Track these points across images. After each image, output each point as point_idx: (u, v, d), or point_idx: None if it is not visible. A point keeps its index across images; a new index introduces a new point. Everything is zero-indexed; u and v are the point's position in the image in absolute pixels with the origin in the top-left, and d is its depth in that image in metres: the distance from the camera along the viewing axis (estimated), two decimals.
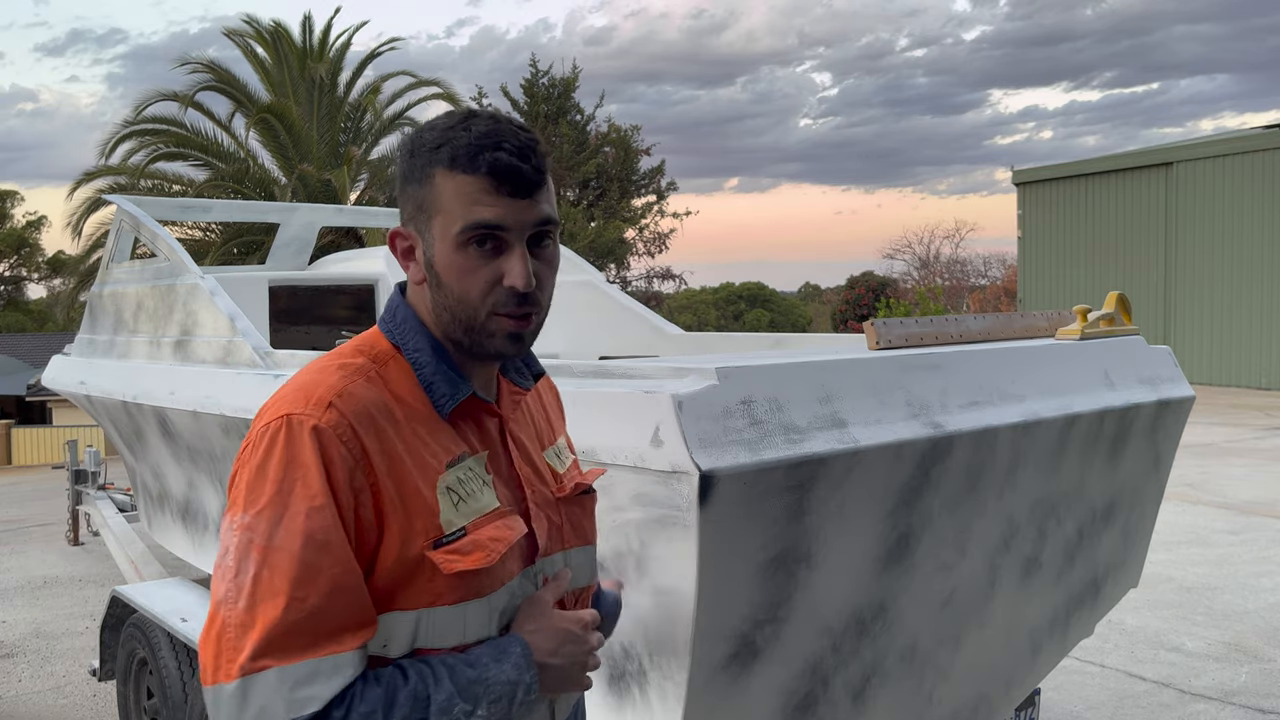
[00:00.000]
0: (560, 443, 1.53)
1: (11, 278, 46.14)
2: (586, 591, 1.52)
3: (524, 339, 1.30)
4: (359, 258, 5.53)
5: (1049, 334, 2.70)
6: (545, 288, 1.30)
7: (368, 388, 1.26)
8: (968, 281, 36.03)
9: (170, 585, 4.01)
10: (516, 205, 1.24)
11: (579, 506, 1.47)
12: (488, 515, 1.28)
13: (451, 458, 1.28)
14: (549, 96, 23.19)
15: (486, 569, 1.25)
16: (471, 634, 1.26)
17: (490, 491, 1.30)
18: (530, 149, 1.25)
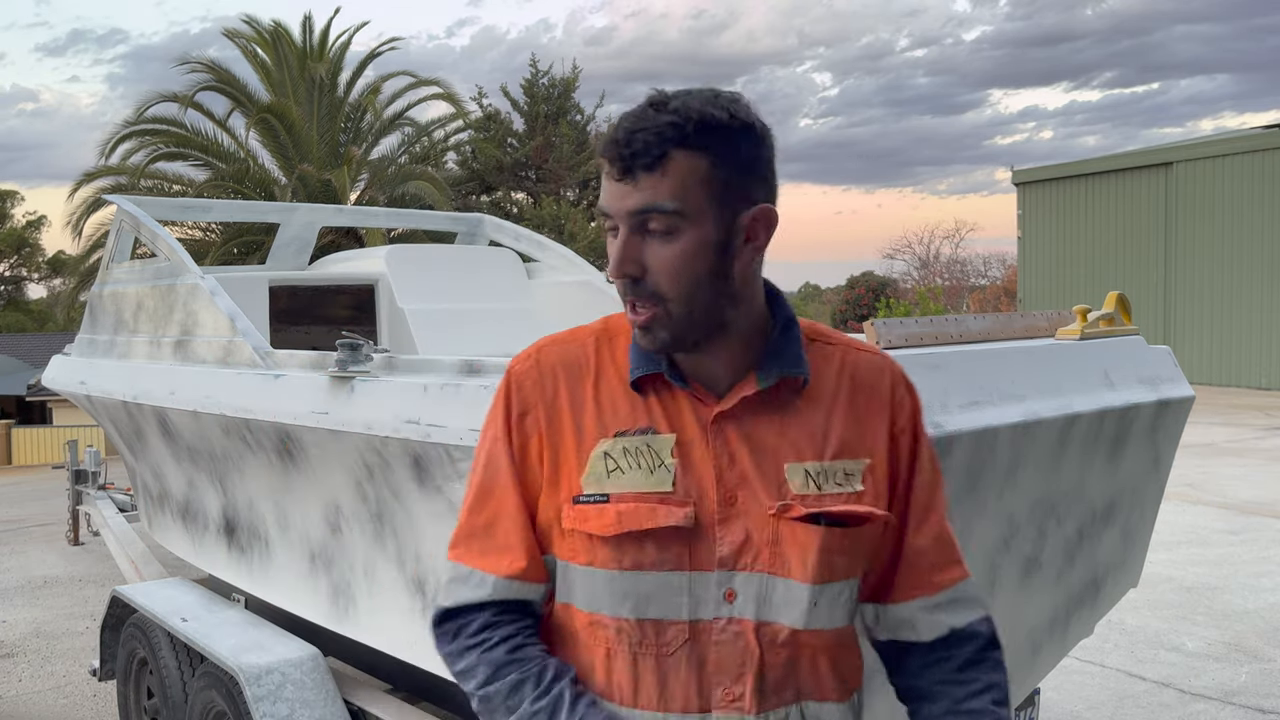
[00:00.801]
0: (836, 464, 1.28)
1: (12, 278, 46.14)
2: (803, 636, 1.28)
3: (650, 332, 1.24)
4: (359, 258, 5.52)
5: (1049, 334, 2.70)
6: (661, 279, 1.22)
7: (572, 348, 1.35)
8: (968, 281, 36.03)
9: (170, 585, 4.01)
10: (618, 189, 1.22)
11: (801, 534, 1.25)
12: (641, 494, 1.25)
13: (628, 428, 1.28)
14: (549, 96, 23.20)
15: (613, 540, 1.25)
16: (603, 606, 1.27)
17: (665, 474, 1.25)
18: (639, 132, 1.20)
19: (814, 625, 1.27)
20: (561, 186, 23.00)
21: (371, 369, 2.86)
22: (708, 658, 1.25)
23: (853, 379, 1.33)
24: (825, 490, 1.26)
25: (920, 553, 1.36)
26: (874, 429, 1.32)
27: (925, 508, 1.36)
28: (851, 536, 1.27)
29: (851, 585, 1.32)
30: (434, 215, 6.34)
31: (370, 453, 2.76)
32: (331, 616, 3.20)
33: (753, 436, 1.27)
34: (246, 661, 3.03)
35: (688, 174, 1.20)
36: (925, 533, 1.36)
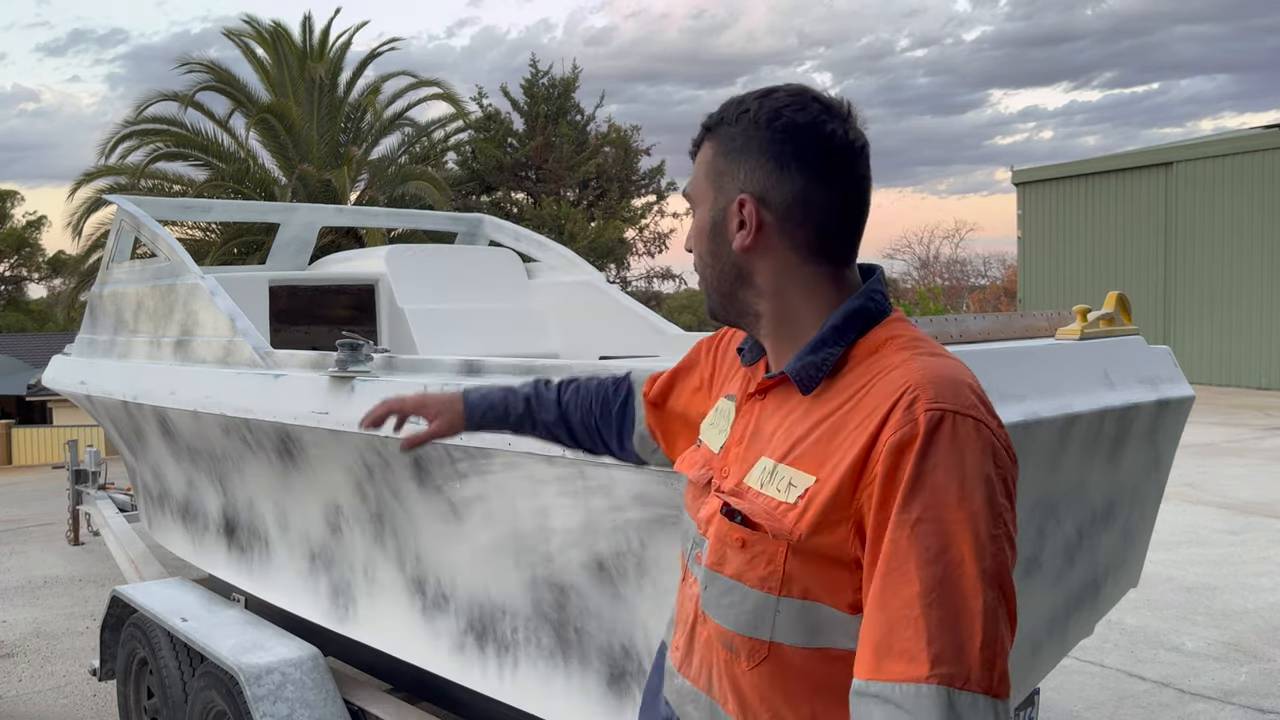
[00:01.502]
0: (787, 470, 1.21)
1: (12, 278, 46.13)
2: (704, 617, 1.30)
3: (707, 306, 1.39)
4: (359, 258, 5.52)
5: (1049, 334, 2.70)
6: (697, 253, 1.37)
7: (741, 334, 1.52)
8: (967, 281, 36.04)
9: (170, 585, 4.01)
10: None
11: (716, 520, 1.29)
12: (704, 448, 1.44)
13: (733, 394, 1.43)
14: (549, 97, 23.19)
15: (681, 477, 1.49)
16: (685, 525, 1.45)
17: (722, 438, 1.39)
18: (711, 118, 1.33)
19: (707, 611, 1.30)
20: (561, 186, 23.00)
21: (371, 369, 2.86)
22: (681, 604, 1.41)
23: (864, 395, 1.18)
24: (765, 490, 1.22)
25: (870, 624, 1.10)
26: (843, 454, 1.15)
27: (886, 572, 1.09)
28: (743, 537, 1.23)
29: (749, 595, 1.22)
30: (434, 215, 6.34)
31: (370, 453, 2.76)
32: (331, 616, 3.20)
33: (760, 424, 1.32)
34: (246, 661, 3.03)
35: (705, 162, 1.33)
36: (881, 603, 1.08)
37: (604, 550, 2.22)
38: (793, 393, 1.27)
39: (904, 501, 1.08)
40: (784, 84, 1.30)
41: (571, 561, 2.31)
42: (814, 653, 1.20)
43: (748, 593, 1.22)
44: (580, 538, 2.26)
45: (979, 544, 1.06)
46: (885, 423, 1.12)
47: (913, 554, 1.07)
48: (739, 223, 1.28)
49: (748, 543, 1.22)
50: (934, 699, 1.03)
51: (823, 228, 1.26)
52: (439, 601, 2.75)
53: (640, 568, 2.16)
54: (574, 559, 2.30)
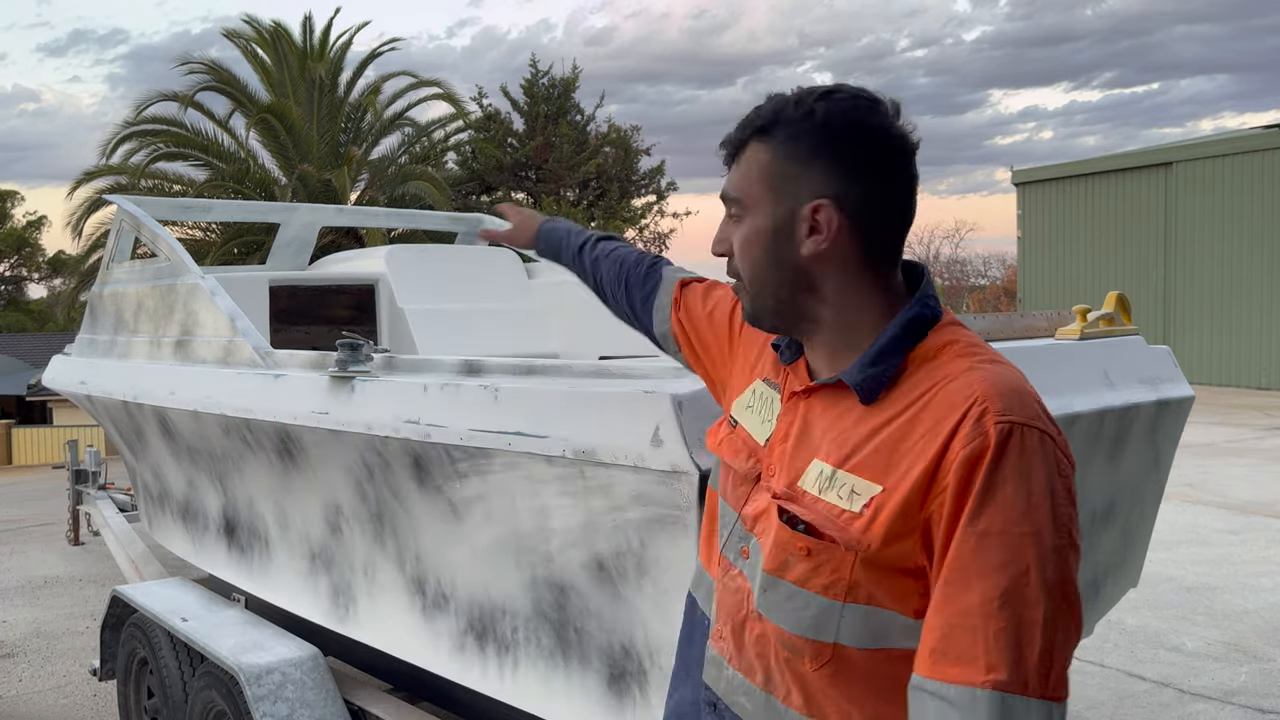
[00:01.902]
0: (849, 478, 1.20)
1: (12, 278, 46.13)
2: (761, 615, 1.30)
3: (744, 309, 1.36)
4: (359, 258, 5.52)
5: (1049, 334, 2.70)
6: (739, 262, 1.33)
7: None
8: (968, 281, 36.04)
9: (171, 585, 4.01)
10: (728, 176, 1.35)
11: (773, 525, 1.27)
12: (747, 436, 1.41)
13: (773, 378, 1.42)
14: (549, 97, 23.18)
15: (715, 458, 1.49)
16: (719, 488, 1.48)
17: (767, 429, 1.38)
18: (745, 120, 1.31)
19: (765, 612, 1.29)
20: (561, 186, 22.99)
21: (371, 369, 2.86)
22: (723, 595, 1.40)
23: (926, 405, 1.18)
24: (825, 496, 1.22)
25: (928, 628, 1.13)
26: (911, 463, 1.16)
27: (950, 579, 1.11)
28: (808, 546, 1.22)
29: (813, 601, 1.22)
30: (434, 215, 6.34)
31: (370, 453, 2.76)
32: (331, 616, 3.20)
33: (809, 424, 1.30)
34: (246, 661, 3.03)
35: (755, 165, 1.29)
36: (941, 609, 1.11)
37: (604, 550, 2.22)
38: (844, 396, 1.27)
39: (972, 513, 1.10)
40: (837, 84, 1.28)
41: (571, 561, 2.31)
42: (877, 653, 1.22)
43: (811, 598, 1.23)
44: (580, 538, 2.26)
45: (1043, 556, 1.09)
46: (954, 434, 1.13)
47: (975, 564, 1.09)
48: (809, 228, 1.24)
49: (813, 552, 1.22)
50: (988, 703, 1.06)
51: (885, 231, 1.26)
52: (439, 601, 2.75)
53: (640, 568, 2.16)
54: (574, 559, 2.30)
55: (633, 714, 2.26)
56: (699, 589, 1.57)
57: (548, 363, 2.42)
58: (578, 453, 2.14)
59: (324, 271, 5.38)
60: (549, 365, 2.41)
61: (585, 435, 2.13)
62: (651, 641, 2.18)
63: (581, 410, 2.17)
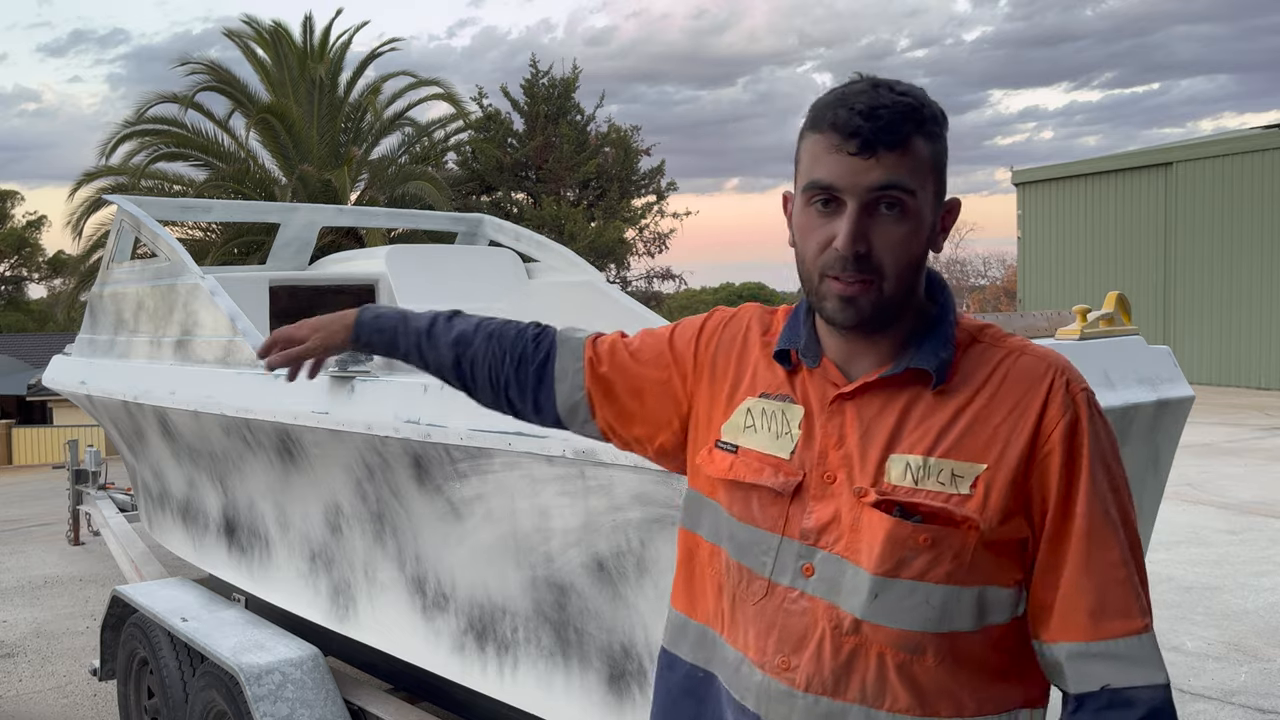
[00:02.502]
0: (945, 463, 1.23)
1: (12, 278, 46.12)
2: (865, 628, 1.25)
3: (856, 305, 1.24)
4: (359, 258, 5.52)
5: (1049, 334, 2.70)
6: (887, 256, 1.23)
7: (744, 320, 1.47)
8: (968, 281, 36.03)
9: (171, 585, 4.01)
10: (853, 164, 1.21)
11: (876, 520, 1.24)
12: (762, 454, 1.34)
13: (771, 391, 1.36)
14: (549, 97, 23.17)
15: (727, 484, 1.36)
16: (721, 540, 1.38)
17: (788, 442, 1.32)
18: (881, 109, 1.20)
19: (875, 619, 1.24)
20: (562, 187, 22.98)
21: (371, 369, 2.86)
22: (777, 622, 1.30)
23: (1002, 382, 1.25)
24: (923, 485, 1.22)
25: (1079, 591, 1.21)
26: (1007, 438, 1.23)
27: (1089, 540, 1.21)
28: (931, 535, 1.22)
29: (935, 592, 1.23)
30: (434, 215, 6.35)
31: (370, 453, 2.77)
32: (331, 616, 3.20)
33: (869, 422, 1.27)
34: (246, 661, 3.03)
35: (922, 158, 1.24)
36: (1088, 569, 1.21)
37: (604, 550, 2.22)
38: (903, 388, 1.27)
39: (1090, 475, 1.22)
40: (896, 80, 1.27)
41: (571, 561, 2.31)
42: (979, 634, 1.25)
43: (933, 590, 1.23)
44: (580, 538, 2.26)
45: (1130, 502, 1.25)
46: (1046, 407, 1.23)
47: (1107, 522, 1.22)
48: (942, 225, 1.30)
49: (937, 540, 1.22)
50: (1151, 644, 1.21)
51: None
52: (439, 601, 2.75)
53: (640, 568, 2.16)
54: (574, 559, 2.30)
55: (633, 714, 2.26)
56: (682, 643, 1.45)
57: None
58: (578, 453, 2.14)
59: (324, 271, 5.38)
60: None
61: None
62: (651, 641, 2.18)
63: None
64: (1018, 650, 1.28)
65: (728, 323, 1.48)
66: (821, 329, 1.34)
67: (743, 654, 1.33)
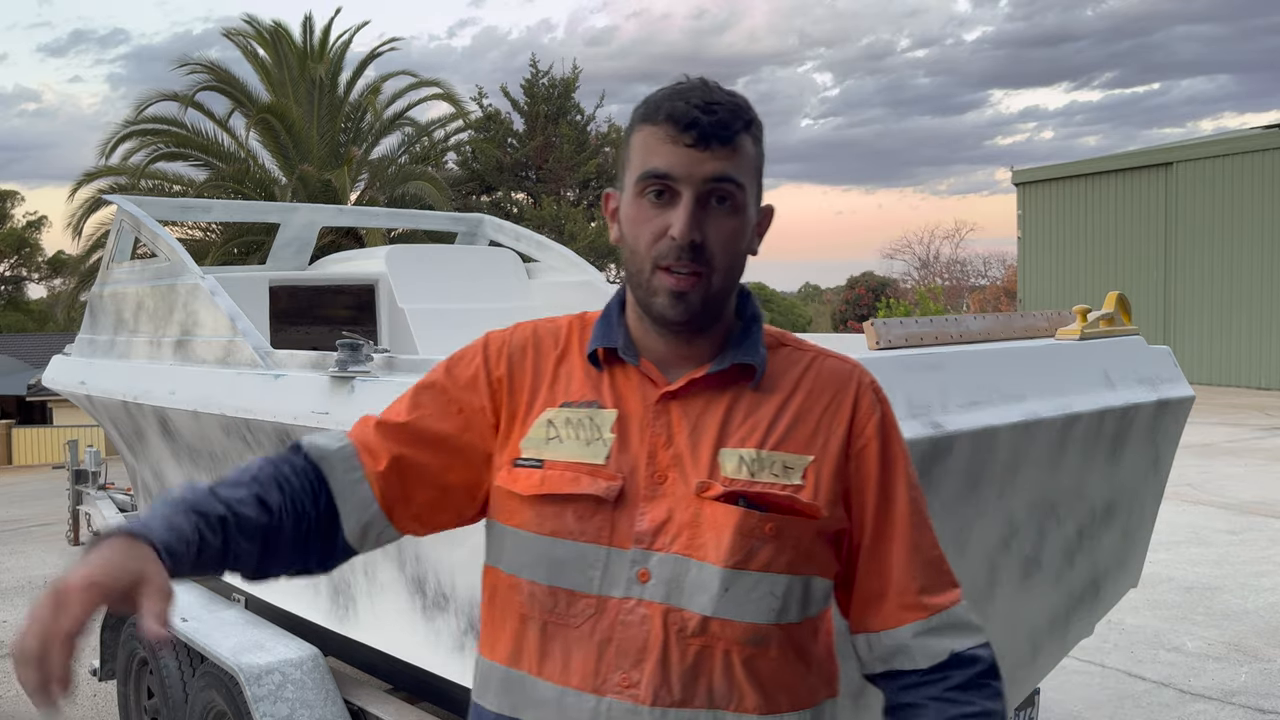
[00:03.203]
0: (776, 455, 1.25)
1: (12, 278, 46.14)
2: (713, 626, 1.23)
3: (687, 300, 1.23)
4: (359, 258, 5.52)
5: (1049, 334, 2.70)
6: (718, 249, 1.24)
7: (547, 325, 1.42)
8: (968, 281, 36.02)
9: None
10: (690, 156, 1.22)
11: (721, 514, 1.23)
12: (572, 464, 1.27)
13: (574, 400, 1.32)
14: (549, 97, 23.18)
15: (535, 502, 1.27)
16: (523, 569, 1.29)
17: (600, 448, 1.27)
18: (715, 104, 1.23)
19: (725, 615, 1.22)
20: (562, 186, 22.99)
21: (371, 369, 2.86)
22: (612, 638, 1.23)
23: (815, 381, 1.32)
24: (759, 478, 1.24)
25: (911, 575, 1.29)
26: (828, 432, 1.29)
27: (908, 526, 1.30)
28: (775, 525, 1.23)
29: (778, 582, 1.24)
30: (434, 215, 6.35)
31: None
32: (331, 616, 3.20)
33: (695, 419, 1.27)
34: (246, 661, 3.03)
35: (750, 157, 1.27)
36: (911, 554, 1.30)
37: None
38: (726, 386, 1.30)
39: (905, 467, 1.32)
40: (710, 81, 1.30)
41: None
42: (804, 624, 1.29)
43: (777, 580, 1.24)
44: None
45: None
46: (857, 405, 1.32)
47: (920, 509, 1.32)
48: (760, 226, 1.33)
49: (781, 529, 1.24)
50: (968, 608, 1.32)
51: None
52: (439, 601, 2.75)
53: None
54: None
55: None
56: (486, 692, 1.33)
57: None
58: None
59: (324, 271, 5.38)
60: None
61: None
62: None
63: None
64: (825, 640, 1.34)
65: (513, 333, 1.41)
66: (637, 330, 1.32)
67: (564, 686, 1.25)
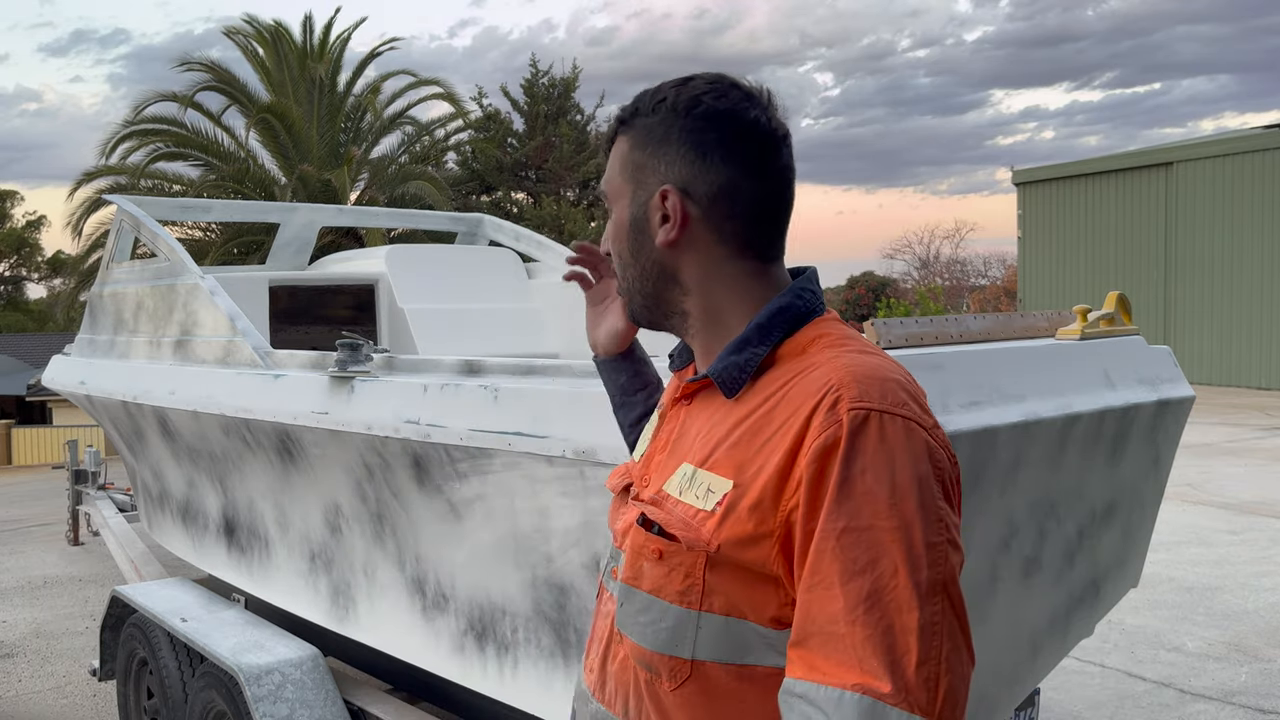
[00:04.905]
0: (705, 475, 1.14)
1: (11, 278, 46.13)
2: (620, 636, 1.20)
3: (629, 310, 1.31)
4: (359, 258, 5.52)
5: (1049, 334, 2.70)
6: (613, 257, 1.30)
7: None
8: (968, 281, 36.02)
9: (170, 585, 4.01)
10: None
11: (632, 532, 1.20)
12: (630, 463, 1.37)
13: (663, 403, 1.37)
14: (549, 97, 23.18)
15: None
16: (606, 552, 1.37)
17: (643, 448, 1.34)
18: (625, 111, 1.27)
19: (623, 629, 1.19)
20: (561, 186, 22.99)
21: (371, 369, 2.86)
22: (597, 625, 1.31)
23: (784, 395, 1.12)
24: (684, 498, 1.15)
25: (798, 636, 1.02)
26: (763, 460, 1.08)
27: (815, 581, 1.01)
28: (660, 548, 1.14)
29: (668, 611, 1.13)
30: (434, 215, 6.35)
31: (370, 453, 2.76)
32: (331, 616, 3.20)
33: (682, 428, 1.26)
34: (246, 661, 3.03)
35: (620, 155, 1.26)
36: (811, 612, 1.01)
37: (604, 550, 2.21)
38: (718, 394, 1.21)
39: (830, 510, 1.01)
40: (701, 72, 1.23)
41: (571, 561, 2.31)
42: (740, 670, 1.11)
43: (667, 608, 1.13)
44: (580, 538, 2.26)
45: (914, 554, 0.98)
46: (809, 425, 1.04)
47: (836, 566, 0.99)
48: (661, 216, 1.21)
49: (665, 554, 1.13)
50: (855, 707, 0.94)
51: (748, 220, 1.20)
52: (439, 601, 2.75)
53: None
54: (574, 559, 2.30)
55: None
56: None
57: (548, 363, 2.42)
58: (578, 453, 2.14)
59: (324, 271, 5.38)
60: (549, 365, 2.41)
61: (585, 435, 2.13)
62: None
63: (581, 410, 2.17)
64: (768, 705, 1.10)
65: None
66: None
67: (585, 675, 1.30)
